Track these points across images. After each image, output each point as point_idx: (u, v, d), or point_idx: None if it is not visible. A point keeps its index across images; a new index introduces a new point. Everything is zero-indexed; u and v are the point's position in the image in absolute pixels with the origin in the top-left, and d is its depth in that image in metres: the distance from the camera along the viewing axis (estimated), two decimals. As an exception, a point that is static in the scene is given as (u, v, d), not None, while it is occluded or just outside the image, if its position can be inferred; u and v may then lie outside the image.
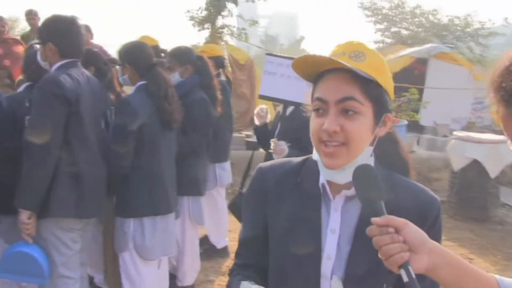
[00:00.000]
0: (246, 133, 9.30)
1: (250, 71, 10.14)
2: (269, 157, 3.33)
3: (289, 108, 3.53)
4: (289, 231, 1.26)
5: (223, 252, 4.68)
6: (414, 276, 0.99)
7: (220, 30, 8.10)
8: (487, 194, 6.27)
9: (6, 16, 6.80)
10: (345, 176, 1.18)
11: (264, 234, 1.32)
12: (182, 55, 3.56)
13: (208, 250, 4.56)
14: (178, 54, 3.58)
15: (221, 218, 4.59)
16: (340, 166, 1.17)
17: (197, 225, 3.81)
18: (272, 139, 3.36)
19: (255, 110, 3.64)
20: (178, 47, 3.69)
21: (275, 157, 3.17)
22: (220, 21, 8.24)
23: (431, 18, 17.96)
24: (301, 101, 3.00)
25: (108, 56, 5.31)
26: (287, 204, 1.28)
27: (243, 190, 3.80)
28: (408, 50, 11.34)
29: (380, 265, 1.03)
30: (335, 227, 1.23)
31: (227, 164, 4.63)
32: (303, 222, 1.25)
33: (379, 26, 19.06)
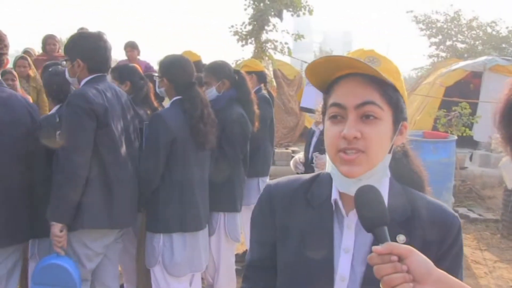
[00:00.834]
0: (293, 149, 9.22)
1: (299, 86, 10.09)
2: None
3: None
4: (300, 251, 1.19)
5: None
6: None
7: (264, 45, 8.11)
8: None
9: (58, 35, 7.07)
10: None
11: (273, 256, 1.26)
12: (219, 70, 3.56)
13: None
14: (215, 69, 3.58)
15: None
16: (359, 175, 1.11)
17: (233, 242, 3.74)
18: (314, 153, 3.33)
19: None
20: (215, 62, 3.69)
21: (317, 171, 3.10)
22: (264, 36, 8.25)
23: (489, 31, 17.29)
24: None
25: (154, 72, 5.40)
26: (297, 223, 1.22)
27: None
28: (462, 63, 10.91)
29: None
30: (349, 246, 1.16)
31: (268, 179, 4.57)
32: (314, 241, 1.18)
33: (434, 40, 18.57)
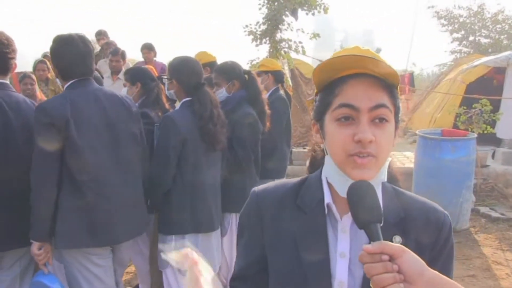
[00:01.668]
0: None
1: (317, 85, 9.97)
2: None
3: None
4: (294, 258, 1.15)
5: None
6: None
7: (279, 45, 8.10)
8: None
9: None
10: None
11: (263, 265, 1.22)
12: (228, 71, 3.58)
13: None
14: (224, 70, 3.60)
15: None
16: (369, 179, 1.07)
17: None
18: None
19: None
20: (225, 63, 3.71)
21: None
22: (279, 35, 8.23)
23: (516, 24, 16.86)
24: None
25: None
26: (289, 229, 1.18)
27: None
28: (484, 59, 10.68)
29: None
30: (345, 251, 1.13)
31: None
32: (309, 247, 1.15)
33: (456, 35, 18.23)
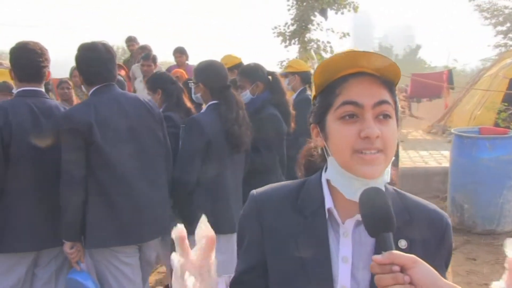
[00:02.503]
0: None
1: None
2: None
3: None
4: (294, 263, 1.15)
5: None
6: None
7: (310, 45, 8.13)
8: None
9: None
10: None
11: (262, 270, 1.21)
12: (252, 73, 3.65)
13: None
14: (248, 72, 3.68)
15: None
16: (378, 176, 1.08)
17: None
18: None
19: None
20: (248, 65, 3.79)
21: None
22: (309, 35, 8.28)
23: None
24: None
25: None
26: (288, 233, 1.17)
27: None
28: (530, 53, 10.30)
29: None
30: (347, 255, 1.12)
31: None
32: (310, 252, 1.14)
33: (500, 28, 17.66)
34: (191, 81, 3.38)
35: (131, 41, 8.16)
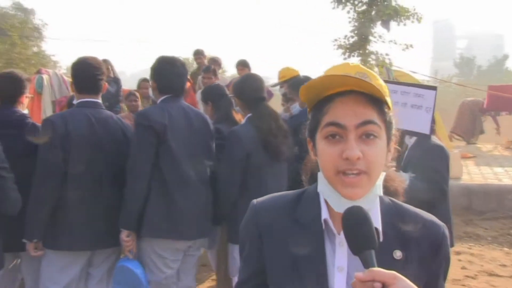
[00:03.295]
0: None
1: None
2: None
3: (412, 138, 3.36)
4: (291, 272, 1.17)
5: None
6: None
7: (372, 57, 8.02)
8: None
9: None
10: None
11: (262, 278, 1.24)
12: (300, 85, 3.66)
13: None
14: (297, 85, 3.74)
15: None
16: (361, 196, 1.10)
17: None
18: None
19: None
20: (298, 78, 3.86)
21: None
22: (369, 48, 8.16)
23: None
24: (421, 130, 2.84)
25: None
26: (286, 243, 1.20)
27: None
28: None
29: None
30: (342, 265, 1.14)
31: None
32: (306, 262, 1.16)
33: None
34: (231, 95, 3.54)
35: (199, 54, 8.37)
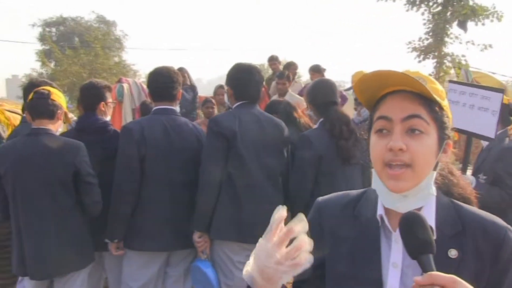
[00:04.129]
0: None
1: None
2: None
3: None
4: (348, 266, 1.22)
5: None
6: None
7: (448, 58, 7.68)
8: None
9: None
10: (408, 205, 1.14)
11: (323, 270, 1.29)
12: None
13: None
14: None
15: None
16: (406, 190, 1.12)
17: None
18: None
19: None
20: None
21: None
22: (445, 49, 7.82)
23: None
24: (486, 134, 2.73)
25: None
26: (346, 238, 1.25)
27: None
28: None
29: None
30: (397, 261, 1.16)
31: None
32: (362, 257, 1.21)
33: None
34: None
35: (273, 60, 8.38)
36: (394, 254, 1.17)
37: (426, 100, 1.14)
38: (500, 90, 2.93)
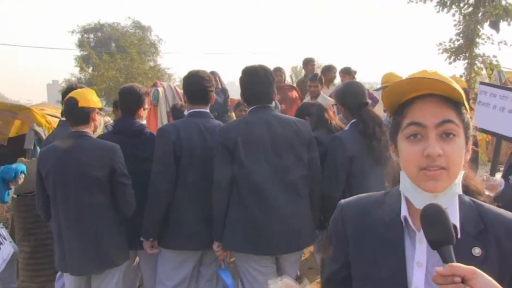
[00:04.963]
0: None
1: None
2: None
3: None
4: (373, 266, 1.23)
5: None
6: None
7: (479, 59, 7.49)
8: None
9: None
10: (440, 203, 1.12)
11: (348, 271, 1.32)
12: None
13: None
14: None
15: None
16: (442, 190, 1.13)
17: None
18: (485, 174, 3.10)
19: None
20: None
21: (489, 193, 2.89)
22: (480, 49, 7.64)
23: None
24: None
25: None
26: (370, 238, 1.26)
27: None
28: None
29: None
30: (422, 261, 1.17)
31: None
32: (387, 256, 1.22)
33: None
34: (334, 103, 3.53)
35: (310, 62, 8.10)
36: (419, 254, 1.17)
37: (455, 103, 1.16)
38: None
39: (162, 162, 3.06)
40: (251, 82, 3.06)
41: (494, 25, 7.48)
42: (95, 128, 3.17)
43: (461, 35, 7.63)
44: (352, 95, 3.28)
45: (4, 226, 4.10)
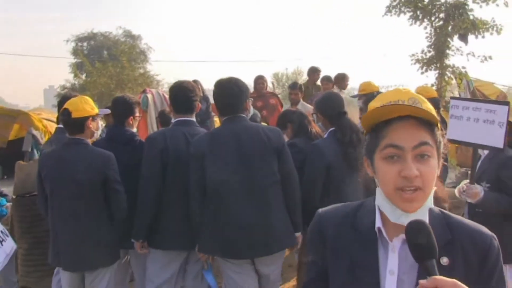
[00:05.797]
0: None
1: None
2: None
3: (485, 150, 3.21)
4: (348, 275, 1.24)
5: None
6: None
7: (449, 70, 7.68)
8: None
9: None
10: (412, 219, 1.14)
11: (326, 279, 1.31)
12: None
13: None
14: (371, 100, 3.69)
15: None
16: (417, 209, 1.15)
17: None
18: (464, 181, 3.10)
19: (457, 189, 3.12)
20: (372, 95, 3.82)
21: (469, 201, 3.01)
22: (450, 60, 7.82)
23: None
24: (494, 145, 2.72)
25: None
26: (346, 248, 1.26)
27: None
28: None
29: None
30: (393, 269, 1.18)
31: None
32: (362, 265, 1.23)
33: None
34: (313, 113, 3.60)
35: (317, 71, 8.05)
36: (391, 262, 1.19)
37: (429, 124, 1.17)
38: (506, 103, 2.86)
39: (150, 168, 3.12)
40: (221, 95, 3.07)
41: (463, 38, 7.68)
42: (92, 134, 3.21)
43: (432, 47, 7.83)
44: (331, 105, 3.34)
45: (4, 225, 4.18)
